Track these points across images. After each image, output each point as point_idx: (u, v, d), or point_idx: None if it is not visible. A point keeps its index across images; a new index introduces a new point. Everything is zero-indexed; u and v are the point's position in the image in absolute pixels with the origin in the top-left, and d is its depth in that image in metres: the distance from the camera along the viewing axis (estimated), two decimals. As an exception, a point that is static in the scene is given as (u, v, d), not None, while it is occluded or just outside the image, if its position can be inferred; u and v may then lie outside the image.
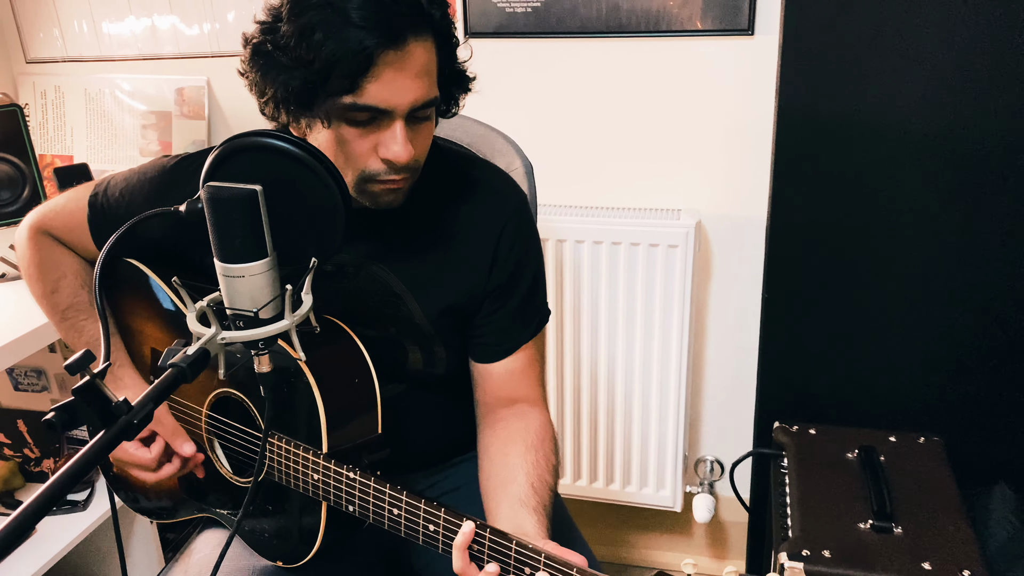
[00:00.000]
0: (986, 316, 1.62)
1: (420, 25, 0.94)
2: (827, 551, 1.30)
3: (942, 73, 1.49)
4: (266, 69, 0.97)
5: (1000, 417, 1.66)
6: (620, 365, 1.82)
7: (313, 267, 0.87)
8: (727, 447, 1.99)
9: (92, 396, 0.71)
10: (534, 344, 1.14)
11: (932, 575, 1.25)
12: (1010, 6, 1.43)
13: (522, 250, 1.12)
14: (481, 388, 1.15)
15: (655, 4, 1.65)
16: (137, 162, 1.96)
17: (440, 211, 1.11)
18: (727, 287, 1.85)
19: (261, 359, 0.88)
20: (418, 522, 0.93)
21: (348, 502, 0.99)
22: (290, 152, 0.84)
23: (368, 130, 0.97)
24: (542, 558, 0.86)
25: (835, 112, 1.55)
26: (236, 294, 0.83)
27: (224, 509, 1.16)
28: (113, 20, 1.95)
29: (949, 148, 1.53)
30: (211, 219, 0.81)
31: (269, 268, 0.83)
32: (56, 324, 1.19)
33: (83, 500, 1.67)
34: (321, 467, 0.99)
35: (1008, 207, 1.54)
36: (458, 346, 1.16)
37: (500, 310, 1.12)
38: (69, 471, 0.68)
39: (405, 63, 0.93)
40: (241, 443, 1.11)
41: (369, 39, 0.90)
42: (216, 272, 0.83)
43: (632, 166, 1.80)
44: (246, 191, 0.80)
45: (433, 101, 0.99)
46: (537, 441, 1.06)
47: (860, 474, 1.47)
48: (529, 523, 0.95)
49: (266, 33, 0.97)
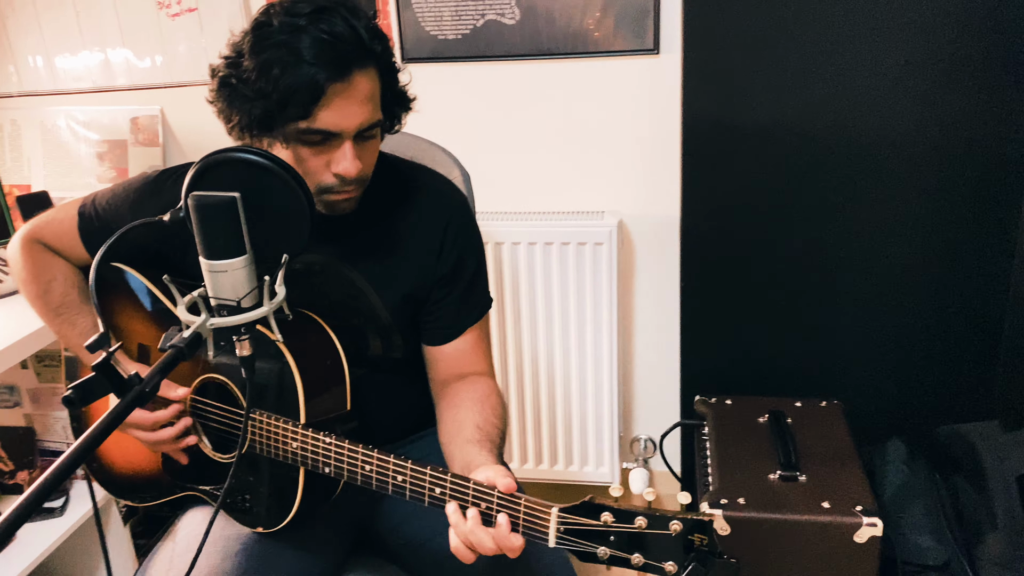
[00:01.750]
0: (873, 293, 1.84)
1: (364, 58, 1.10)
2: (742, 499, 1.48)
3: (825, 82, 1.71)
4: (231, 99, 1.12)
5: (892, 380, 1.89)
6: (558, 355, 1.99)
7: (285, 262, 1.02)
8: (657, 425, 2.18)
9: (109, 370, 0.85)
10: (479, 327, 1.31)
11: (831, 511, 1.44)
12: (889, 19, 1.66)
13: (465, 242, 1.29)
14: (434, 368, 1.31)
15: (572, 29, 1.85)
16: (94, 189, 2.09)
17: (391, 213, 1.27)
18: (648, 280, 2.05)
19: (242, 343, 1.02)
20: (388, 474, 1.07)
21: (324, 464, 1.12)
22: (261, 164, 0.99)
23: (321, 149, 1.12)
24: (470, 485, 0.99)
25: (733, 120, 1.77)
26: (220, 286, 0.98)
27: (207, 486, 1.29)
28: (67, 54, 2.06)
29: (834, 146, 1.75)
30: (197, 223, 0.96)
31: (247, 264, 0.98)
32: (50, 321, 1.31)
33: (59, 507, 1.77)
34: (299, 435, 1.13)
35: (889, 197, 1.77)
36: (412, 334, 1.32)
37: (448, 296, 1.28)
38: (92, 435, 0.81)
39: (351, 92, 1.09)
40: (224, 421, 1.24)
41: (320, 74, 1.06)
42: (201, 269, 0.97)
43: (558, 173, 1.99)
44: (227, 198, 0.95)
45: (378, 123, 1.15)
46: (483, 396, 1.22)
47: (769, 435, 1.67)
48: (473, 453, 1.10)
49: (230, 67, 1.12)
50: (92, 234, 1.29)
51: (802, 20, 1.68)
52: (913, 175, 1.75)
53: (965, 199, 1.75)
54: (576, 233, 1.88)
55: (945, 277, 1.80)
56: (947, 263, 1.79)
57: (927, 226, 1.77)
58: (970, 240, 1.77)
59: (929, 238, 1.78)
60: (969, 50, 1.65)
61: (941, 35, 1.65)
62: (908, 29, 1.65)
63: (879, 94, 1.70)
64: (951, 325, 1.83)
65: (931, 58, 1.67)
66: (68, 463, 0.79)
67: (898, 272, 1.82)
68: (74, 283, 1.31)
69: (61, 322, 1.30)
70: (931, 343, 1.85)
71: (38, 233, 1.32)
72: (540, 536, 0.95)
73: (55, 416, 1.84)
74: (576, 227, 1.89)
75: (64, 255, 1.32)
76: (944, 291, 1.81)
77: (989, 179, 1.72)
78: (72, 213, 1.30)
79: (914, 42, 1.66)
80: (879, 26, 1.66)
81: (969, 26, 1.64)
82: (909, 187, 1.76)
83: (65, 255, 1.32)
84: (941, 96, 1.69)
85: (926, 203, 1.76)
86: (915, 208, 1.77)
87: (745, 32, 1.71)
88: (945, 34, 1.65)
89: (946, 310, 1.82)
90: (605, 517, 0.93)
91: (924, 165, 1.74)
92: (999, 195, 1.73)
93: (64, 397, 0.89)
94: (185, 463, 1.28)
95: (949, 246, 1.78)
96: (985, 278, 1.79)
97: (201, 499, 1.32)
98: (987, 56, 1.65)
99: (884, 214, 1.78)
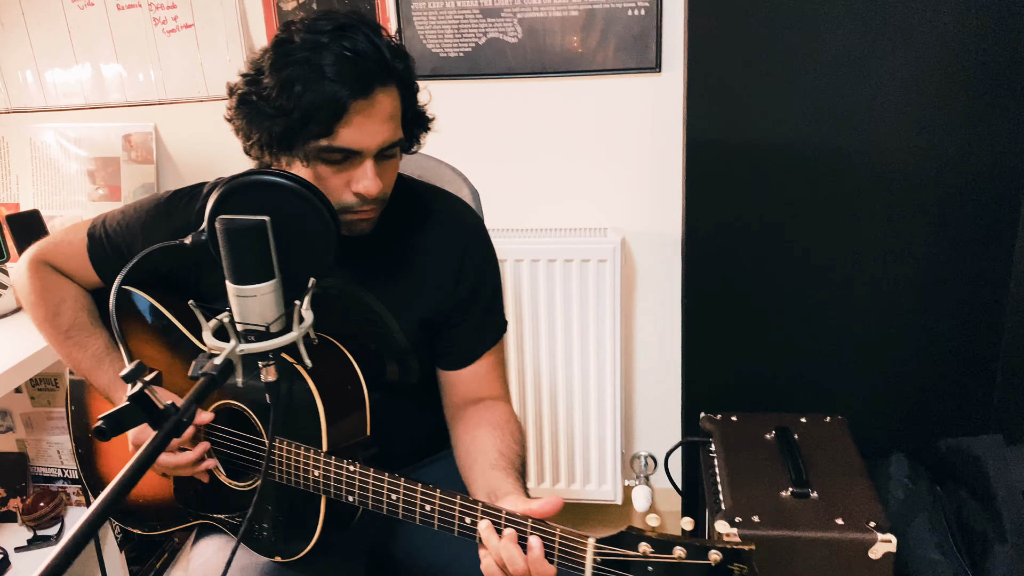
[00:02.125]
0: (873, 309, 1.86)
1: (386, 76, 1.09)
2: (756, 516, 1.48)
3: (826, 101, 1.73)
4: (251, 117, 1.10)
5: (895, 396, 1.91)
6: (560, 372, 1.98)
7: (312, 287, 1.00)
8: (657, 442, 2.18)
9: (145, 401, 0.83)
10: (496, 351, 1.30)
11: (845, 528, 1.45)
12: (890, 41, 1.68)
13: (483, 267, 1.28)
14: (450, 393, 1.29)
15: (574, 46, 1.85)
16: (86, 207, 2.05)
17: (410, 237, 1.26)
18: (649, 297, 2.05)
19: (268, 369, 1.00)
20: (415, 502, 1.05)
21: (348, 493, 1.10)
22: (288, 186, 0.98)
23: (342, 168, 1.11)
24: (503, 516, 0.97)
25: (736, 137, 1.78)
26: (248, 311, 0.96)
27: (221, 514, 1.26)
28: (58, 69, 2.02)
29: (835, 165, 1.77)
30: (225, 247, 0.94)
31: (276, 288, 0.97)
32: (60, 344, 1.27)
33: (55, 535, 1.72)
34: (322, 464, 1.11)
35: (889, 215, 1.79)
36: (428, 358, 1.30)
37: (465, 321, 1.27)
38: (132, 468, 0.78)
39: (373, 110, 1.07)
40: (241, 449, 1.21)
41: (342, 91, 1.04)
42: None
43: (561, 190, 1.99)
44: (257, 221, 0.93)
45: (398, 142, 1.13)
46: (502, 422, 1.21)
47: (778, 451, 1.68)
48: (498, 479, 1.09)
49: (250, 84, 1.10)
50: (102, 256, 1.27)
51: (805, 40, 1.70)
52: (912, 193, 1.77)
53: (963, 217, 1.77)
54: (580, 250, 1.88)
55: (943, 293, 1.83)
56: (945, 279, 1.82)
57: (926, 243, 1.80)
58: (968, 256, 1.79)
59: (928, 255, 1.80)
60: (967, 73, 1.68)
61: (939, 58, 1.68)
62: (908, 51, 1.68)
63: (880, 114, 1.72)
64: (950, 340, 1.85)
65: (930, 80, 1.69)
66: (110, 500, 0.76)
67: (897, 288, 1.84)
68: (83, 305, 1.28)
69: (71, 345, 1.27)
70: (930, 358, 1.87)
71: (46, 255, 1.29)
72: (576, 566, 0.94)
73: (49, 441, 1.79)
74: (580, 244, 1.89)
75: (73, 277, 1.29)
76: (943, 306, 1.83)
77: (986, 198, 1.75)
78: (81, 235, 1.28)
79: (913, 64, 1.69)
80: (880, 47, 1.68)
81: (966, 49, 1.67)
82: (908, 205, 1.78)
83: (74, 277, 1.29)
84: (939, 117, 1.71)
85: (925, 220, 1.79)
86: (914, 225, 1.79)
87: (748, 51, 1.72)
88: (943, 57, 1.68)
89: (945, 325, 1.85)
90: (643, 547, 0.92)
91: (923, 183, 1.76)
92: (996, 213, 1.76)
93: (96, 428, 0.87)
94: (201, 489, 1.25)
95: (947, 262, 1.80)
96: (983, 294, 1.81)
97: (213, 527, 1.29)
98: (983, 79, 1.68)
99: (884, 231, 1.80)
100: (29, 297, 1.28)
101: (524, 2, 1.83)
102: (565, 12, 1.83)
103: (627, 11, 1.81)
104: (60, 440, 1.78)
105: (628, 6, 1.81)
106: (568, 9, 1.83)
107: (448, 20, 1.87)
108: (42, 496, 1.76)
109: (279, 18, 1.93)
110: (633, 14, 1.81)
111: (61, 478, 1.81)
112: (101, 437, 0.87)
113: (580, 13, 1.83)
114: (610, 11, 1.82)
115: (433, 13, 1.88)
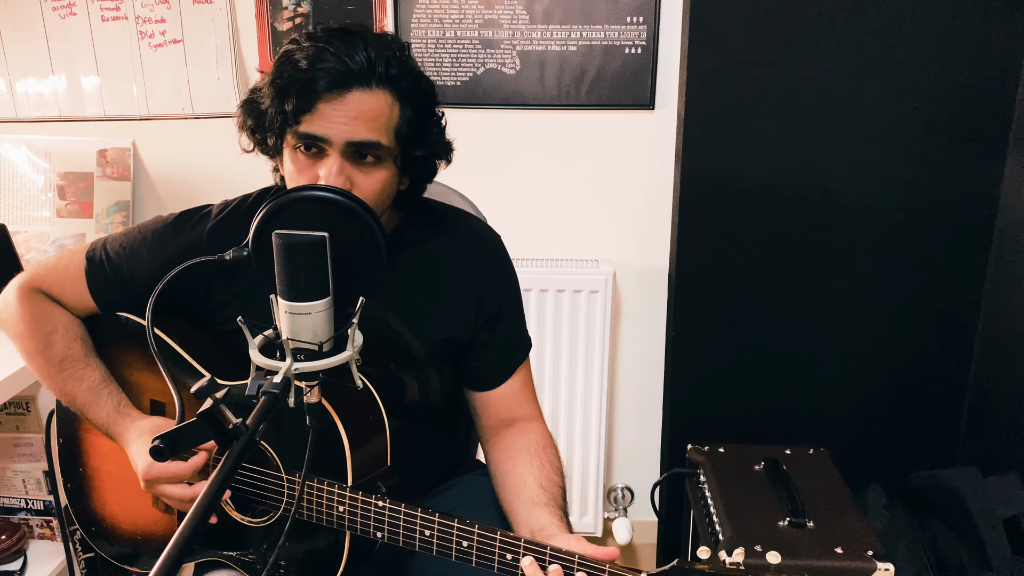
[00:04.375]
0: (852, 346, 1.93)
1: (368, 79, 1.07)
2: (758, 546, 1.50)
3: (816, 142, 1.81)
4: (250, 108, 1.13)
5: (871, 431, 1.98)
6: (547, 402, 1.98)
7: (361, 305, 0.98)
8: (636, 474, 2.19)
9: (214, 419, 0.79)
10: (524, 369, 1.29)
11: (844, 557, 1.48)
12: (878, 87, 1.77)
13: (506, 286, 1.27)
14: (483, 414, 1.28)
15: (570, 80, 1.88)
16: (55, 224, 1.96)
17: (428, 254, 1.25)
18: (634, 329, 2.08)
19: (313, 390, 0.97)
20: (451, 539, 1.03)
21: (377, 529, 1.07)
22: (339, 201, 0.96)
23: (313, 160, 1.09)
24: (547, 551, 0.97)
25: (728, 174, 1.84)
26: (300, 329, 0.93)
27: (232, 551, 1.20)
28: (32, 79, 1.93)
29: (822, 204, 1.85)
30: (282, 262, 0.91)
31: (329, 307, 0.94)
32: (52, 377, 1.20)
33: (18, 570, 1.61)
34: (347, 499, 1.07)
35: (879, 252, 1.87)
36: (450, 376, 1.28)
37: (492, 341, 1.26)
38: (212, 488, 0.74)
39: (343, 104, 1.06)
40: (250, 482, 1.16)
41: (320, 79, 1.05)
42: (279, 310, 0.92)
43: (552, 221, 2.00)
44: (316, 237, 0.91)
45: (374, 144, 1.09)
46: (539, 448, 1.20)
47: (769, 482, 1.71)
48: (544, 519, 1.08)
49: (253, 92, 1.13)
50: (101, 280, 1.21)
51: (799, 82, 1.78)
52: (893, 232, 1.86)
53: (938, 255, 1.87)
54: (573, 280, 1.89)
55: (919, 332, 1.91)
56: (921, 316, 1.91)
57: (905, 277, 1.89)
58: (942, 294, 1.89)
59: (906, 289, 1.90)
60: (947, 118, 1.79)
61: (924, 103, 1.78)
62: (895, 94, 1.78)
63: (867, 156, 1.81)
64: (922, 379, 1.94)
65: (915, 123, 1.79)
66: (195, 523, 0.72)
67: (876, 322, 1.92)
68: (76, 335, 1.22)
69: (65, 378, 1.20)
70: (903, 395, 1.95)
71: (37, 281, 1.22)
72: None
73: (14, 469, 1.68)
74: (573, 275, 1.90)
75: (66, 304, 1.23)
76: (917, 343, 1.92)
77: (959, 237, 1.86)
78: (78, 259, 1.22)
79: (900, 107, 1.78)
80: (870, 90, 1.77)
81: (948, 94, 1.77)
82: (888, 244, 1.87)
83: (67, 304, 1.23)
84: (923, 159, 1.81)
85: (902, 259, 1.88)
86: (892, 264, 1.88)
87: (744, 90, 1.79)
88: (927, 102, 1.78)
89: (919, 362, 1.93)
90: (696, 582, 0.92)
91: (903, 223, 1.85)
92: (968, 251, 1.86)
93: (152, 447, 0.82)
94: (214, 523, 1.19)
95: (923, 299, 1.90)
96: (955, 331, 1.91)
97: (216, 563, 1.23)
98: (961, 123, 1.79)
99: (864, 269, 1.89)
100: (18, 327, 1.20)
101: (523, 35, 1.86)
102: (564, 47, 1.86)
103: (624, 49, 1.86)
104: (26, 468, 1.66)
105: (625, 44, 1.85)
106: (567, 44, 1.86)
107: (447, 49, 1.88)
108: (3, 529, 1.64)
109: (272, 38, 1.90)
110: (630, 52, 1.86)
111: (24, 509, 1.69)
112: (159, 457, 0.83)
113: (578, 48, 1.86)
114: (607, 48, 1.86)
115: (432, 41, 1.88)
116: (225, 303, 1.21)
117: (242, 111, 1.15)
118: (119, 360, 1.24)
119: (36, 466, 1.67)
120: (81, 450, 1.30)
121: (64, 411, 1.29)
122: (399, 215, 1.24)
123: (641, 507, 2.17)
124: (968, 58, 1.75)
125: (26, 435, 1.65)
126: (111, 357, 1.24)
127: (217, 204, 1.24)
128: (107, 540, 1.28)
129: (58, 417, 1.31)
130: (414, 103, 1.14)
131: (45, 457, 1.68)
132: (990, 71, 1.76)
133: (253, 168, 1.26)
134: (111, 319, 1.24)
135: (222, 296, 1.21)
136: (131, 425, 1.18)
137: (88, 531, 1.29)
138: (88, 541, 1.30)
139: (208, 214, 1.22)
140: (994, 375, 1.88)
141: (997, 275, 1.85)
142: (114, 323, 1.24)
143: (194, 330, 1.23)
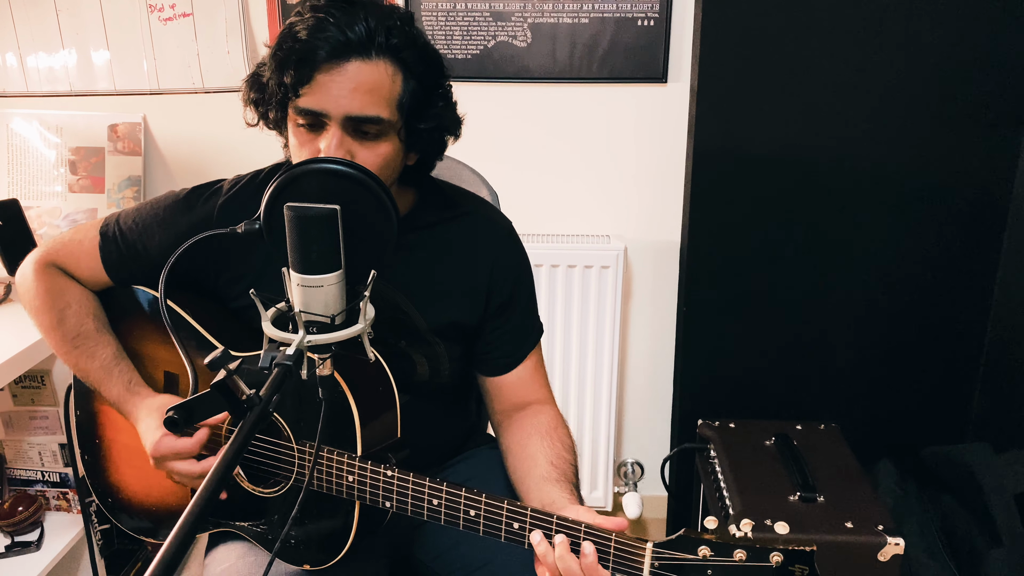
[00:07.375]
0: (865, 319, 1.92)
1: (367, 49, 1.05)
2: (768, 520, 1.51)
3: (830, 115, 1.79)
4: (254, 83, 1.12)
5: (882, 406, 1.97)
6: (558, 378, 1.98)
7: (373, 278, 0.97)
8: (646, 449, 2.19)
9: (227, 390, 0.79)
10: (536, 353, 1.28)
11: (854, 531, 1.49)
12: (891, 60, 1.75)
13: (518, 271, 1.27)
14: (496, 398, 1.28)
15: (582, 53, 1.87)
16: (67, 199, 1.96)
17: (440, 238, 1.24)
18: (645, 305, 2.07)
19: (326, 363, 0.97)
20: (458, 508, 1.03)
21: (386, 498, 1.07)
22: (350, 175, 0.95)
23: (313, 135, 1.08)
24: (554, 519, 0.97)
25: (740, 148, 1.82)
26: (312, 302, 0.93)
27: (243, 521, 1.21)
28: (42, 53, 1.93)
29: (834, 177, 1.83)
30: (294, 235, 0.91)
31: (341, 279, 0.94)
32: (66, 353, 1.21)
33: (35, 540, 1.63)
34: (357, 468, 1.08)
35: (894, 226, 1.85)
36: (459, 356, 1.28)
37: (504, 326, 1.25)
38: (227, 458, 0.75)
39: (342, 76, 1.04)
40: (266, 455, 1.17)
41: (319, 50, 1.03)
42: (291, 283, 0.92)
43: (563, 196, 1.99)
44: (328, 210, 0.90)
45: (375, 119, 1.07)
46: (550, 428, 1.20)
47: (779, 457, 1.71)
48: (554, 493, 1.08)
49: (259, 67, 1.12)
50: (115, 255, 1.21)
51: (814, 55, 1.75)
52: (906, 207, 1.84)
53: (952, 230, 1.85)
54: (583, 256, 1.89)
55: (931, 307, 1.90)
56: (934, 291, 1.89)
57: (917, 254, 1.87)
58: (955, 269, 1.87)
59: (920, 264, 1.88)
60: (962, 91, 1.76)
61: (938, 74, 1.75)
62: (909, 67, 1.75)
63: (881, 129, 1.79)
64: (935, 352, 1.93)
65: (928, 96, 1.77)
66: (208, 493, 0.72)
67: (889, 297, 1.91)
68: (89, 311, 1.22)
69: (79, 354, 1.21)
70: (916, 370, 1.94)
71: (53, 256, 1.23)
72: (633, 572, 0.94)
73: (30, 442, 1.69)
74: (583, 250, 1.89)
75: (80, 279, 1.23)
76: (930, 319, 1.91)
77: (974, 212, 1.84)
78: (92, 234, 1.22)
79: (913, 80, 1.76)
80: (883, 63, 1.75)
81: (962, 67, 1.75)
82: (902, 218, 1.85)
83: (81, 279, 1.24)
84: (937, 133, 1.79)
85: (917, 232, 1.86)
86: (906, 237, 1.86)
87: (757, 64, 1.77)
88: (943, 76, 1.75)
89: (931, 338, 1.92)
90: (703, 551, 0.92)
91: (917, 197, 1.83)
92: (983, 226, 1.84)
93: (167, 419, 0.83)
94: (225, 496, 1.20)
95: (936, 273, 1.88)
96: (968, 306, 1.89)
97: (232, 534, 1.24)
98: (977, 98, 1.76)
99: (878, 244, 1.87)
100: (34, 302, 1.22)
101: (535, 7, 1.84)
102: (575, 19, 1.85)
103: (636, 21, 1.84)
104: (42, 441, 1.68)
105: (638, 16, 1.83)
106: (579, 16, 1.84)
107: (458, 21, 1.86)
108: (20, 500, 1.66)
109: (283, 11, 1.88)
110: (642, 25, 1.84)
111: (40, 481, 1.71)
112: (173, 428, 0.83)
113: (590, 21, 1.84)
114: (620, 21, 1.84)
115: (443, 14, 1.86)
116: (238, 277, 1.21)
117: (246, 85, 1.14)
118: (134, 333, 1.25)
119: (52, 438, 1.69)
120: (98, 423, 1.31)
121: (81, 384, 1.30)
122: (414, 197, 1.23)
123: (651, 482, 2.17)
124: (985, 31, 1.73)
125: (42, 408, 1.66)
126: (126, 330, 1.25)
127: (229, 179, 1.23)
128: (123, 511, 1.30)
129: (75, 390, 1.32)
130: (418, 74, 1.11)
131: (61, 430, 1.70)
132: (1008, 44, 1.73)
133: (264, 142, 1.25)
134: (126, 292, 1.24)
135: (235, 270, 1.21)
136: (141, 403, 1.18)
137: (105, 502, 1.30)
138: (105, 512, 1.31)
139: (220, 189, 1.22)
140: (1008, 350, 1.87)
141: (1011, 249, 1.83)
142: (129, 296, 1.24)
143: (207, 304, 1.24)
